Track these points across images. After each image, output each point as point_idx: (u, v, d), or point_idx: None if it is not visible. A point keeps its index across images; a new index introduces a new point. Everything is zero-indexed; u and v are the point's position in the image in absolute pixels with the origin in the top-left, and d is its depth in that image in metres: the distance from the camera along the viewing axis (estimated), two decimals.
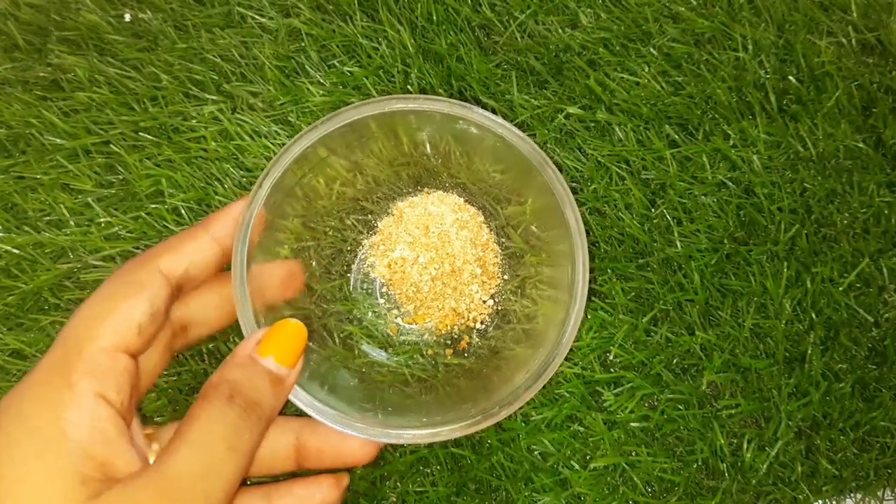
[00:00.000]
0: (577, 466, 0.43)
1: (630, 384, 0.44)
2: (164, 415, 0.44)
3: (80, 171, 0.48)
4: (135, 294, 0.29)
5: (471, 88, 0.49)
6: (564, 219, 0.39)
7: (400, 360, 0.45)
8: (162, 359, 0.33)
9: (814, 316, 0.45)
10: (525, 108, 0.48)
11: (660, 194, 0.47)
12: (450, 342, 0.46)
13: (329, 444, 0.35)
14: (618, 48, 0.50)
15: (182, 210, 0.47)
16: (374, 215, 0.48)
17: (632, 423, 0.43)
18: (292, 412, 0.43)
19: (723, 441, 0.43)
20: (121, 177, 0.48)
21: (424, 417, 0.37)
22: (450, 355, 0.45)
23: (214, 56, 0.50)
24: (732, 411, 0.44)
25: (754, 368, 0.44)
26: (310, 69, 0.50)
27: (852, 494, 0.44)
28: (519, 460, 0.43)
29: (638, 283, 0.45)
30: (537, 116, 0.48)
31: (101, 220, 0.47)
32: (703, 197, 0.47)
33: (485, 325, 0.46)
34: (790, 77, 0.48)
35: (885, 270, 0.45)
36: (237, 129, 0.48)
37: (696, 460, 0.43)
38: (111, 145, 0.48)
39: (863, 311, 0.45)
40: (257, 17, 0.51)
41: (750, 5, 0.50)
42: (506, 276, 0.47)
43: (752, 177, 0.47)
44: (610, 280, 0.46)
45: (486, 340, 0.46)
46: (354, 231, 0.48)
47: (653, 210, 0.47)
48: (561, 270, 0.40)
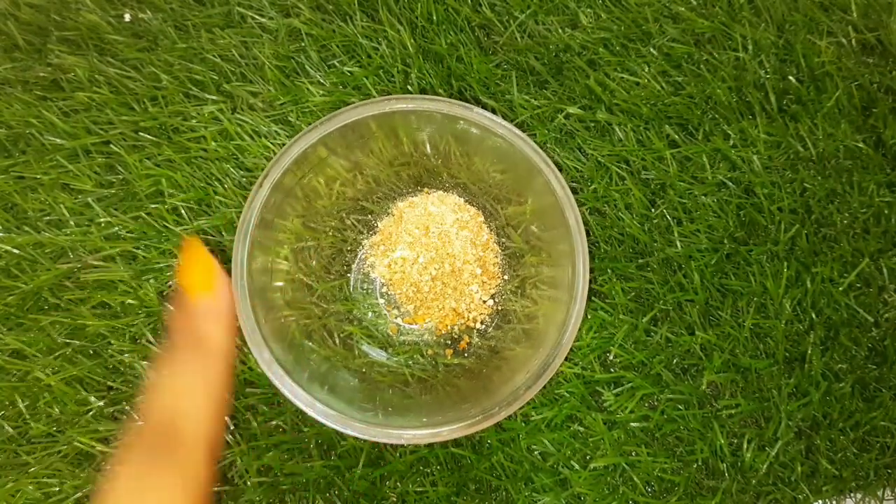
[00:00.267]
0: (577, 466, 0.43)
1: (630, 384, 0.44)
2: None
3: (80, 171, 0.48)
4: None
5: (471, 88, 0.49)
6: (564, 219, 0.39)
7: (400, 360, 0.45)
8: None
9: (814, 316, 0.45)
10: (525, 108, 0.48)
11: (660, 194, 0.47)
12: (450, 342, 0.46)
13: None
14: (618, 48, 0.50)
15: (182, 210, 0.47)
16: (374, 215, 0.48)
17: (632, 423, 0.43)
18: (291, 410, 0.43)
19: (723, 441, 0.43)
20: (121, 177, 0.48)
21: (424, 417, 0.37)
22: (450, 355, 0.45)
23: (214, 56, 0.50)
24: (732, 411, 0.44)
25: (754, 368, 0.44)
26: (310, 69, 0.50)
27: (852, 494, 0.44)
28: (519, 460, 0.43)
29: (638, 283, 0.45)
30: (537, 116, 0.48)
31: (101, 220, 0.47)
32: (703, 197, 0.47)
33: (485, 325, 0.46)
34: (790, 77, 0.48)
35: (885, 270, 0.45)
36: (237, 129, 0.48)
37: (696, 460, 0.43)
38: (111, 145, 0.48)
39: (863, 311, 0.45)
40: (257, 17, 0.51)
41: (750, 5, 0.50)
42: (506, 276, 0.47)
43: (752, 177, 0.47)
44: (610, 280, 0.46)
45: (486, 340, 0.46)
46: (354, 231, 0.48)
47: (653, 210, 0.47)
48: (561, 270, 0.40)
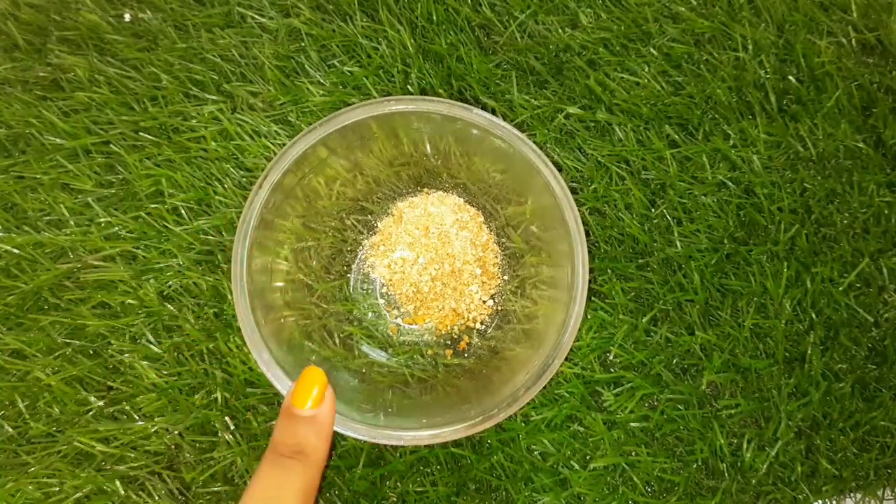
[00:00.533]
0: (576, 466, 0.43)
1: (630, 384, 0.44)
2: (165, 414, 0.44)
3: (80, 171, 0.48)
4: None
5: (471, 88, 0.49)
6: (564, 219, 0.39)
7: (400, 361, 0.45)
8: None
9: (814, 316, 0.45)
10: (525, 108, 0.48)
11: (660, 194, 0.47)
12: (450, 342, 0.46)
13: None
14: (618, 48, 0.50)
15: (182, 210, 0.47)
16: (374, 215, 0.48)
17: (632, 423, 0.44)
18: None
19: (723, 441, 0.43)
20: (121, 177, 0.48)
21: (424, 418, 0.37)
22: (450, 356, 0.45)
23: (214, 56, 0.50)
24: (732, 411, 0.44)
25: (754, 368, 0.44)
26: (310, 69, 0.50)
27: (852, 494, 0.44)
28: (519, 460, 0.43)
29: (638, 283, 0.45)
30: (537, 116, 0.48)
31: (101, 219, 0.47)
32: (703, 197, 0.47)
33: (485, 326, 0.46)
34: (790, 77, 0.48)
35: (885, 270, 0.45)
36: (237, 129, 0.48)
37: (695, 460, 0.43)
38: (111, 145, 0.48)
39: (863, 311, 0.45)
40: (257, 17, 0.51)
41: (750, 5, 0.50)
42: (506, 277, 0.47)
43: (752, 177, 0.47)
44: (610, 280, 0.46)
45: (486, 341, 0.46)
46: (354, 231, 0.48)
47: (653, 210, 0.47)
48: (561, 270, 0.40)
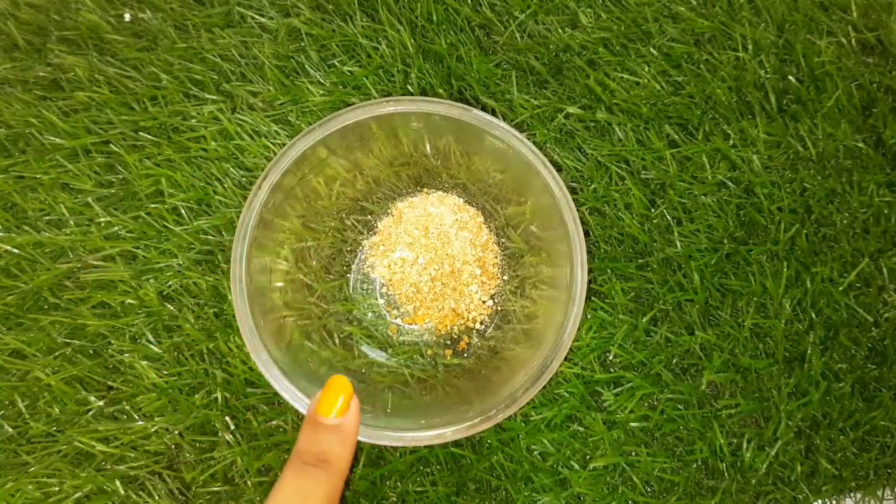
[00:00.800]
0: (576, 466, 0.43)
1: (630, 384, 0.44)
2: (165, 414, 0.44)
3: (79, 171, 0.48)
4: None
5: (471, 88, 0.49)
6: (563, 219, 0.39)
7: (400, 361, 0.45)
8: None
9: (814, 316, 0.45)
10: (525, 108, 0.48)
11: (660, 194, 0.47)
12: (449, 342, 0.46)
13: None
14: (618, 48, 0.50)
15: (182, 210, 0.47)
16: (374, 216, 0.48)
17: (631, 423, 0.44)
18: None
19: (722, 441, 0.43)
20: (121, 176, 0.48)
21: (424, 419, 0.37)
22: (449, 356, 0.45)
23: (214, 56, 0.50)
24: (732, 411, 0.44)
25: (754, 368, 0.44)
26: (310, 69, 0.50)
27: (852, 494, 0.44)
28: (519, 460, 0.43)
29: (638, 283, 0.45)
30: (537, 116, 0.48)
31: (101, 219, 0.47)
32: (703, 197, 0.47)
33: (484, 326, 0.46)
34: (790, 77, 0.48)
35: (884, 270, 0.45)
36: (237, 128, 0.48)
37: (695, 460, 0.43)
38: (111, 145, 0.48)
39: (863, 311, 0.45)
40: (257, 16, 0.51)
41: (750, 5, 0.50)
42: (505, 277, 0.47)
43: (752, 177, 0.47)
44: (610, 280, 0.46)
45: (486, 341, 0.46)
46: (354, 231, 0.48)
47: (653, 210, 0.47)
48: (560, 270, 0.40)
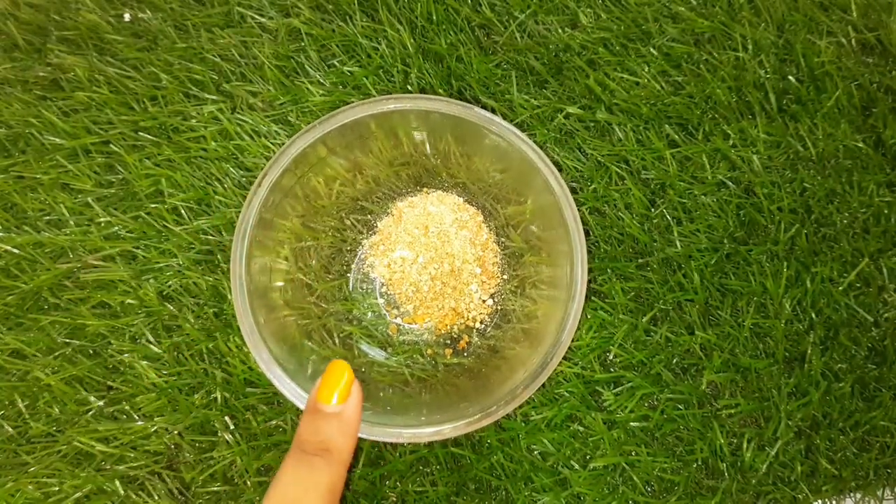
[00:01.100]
0: (576, 466, 0.43)
1: (630, 384, 0.44)
2: (164, 414, 0.44)
3: (79, 171, 0.48)
4: None
5: (471, 88, 0.49)
6: (563, 218, 0.39)
7: (399, 360, 0.45)
8: None
9: (814, 316, 0.45)
10: (525, 108, 0.48)
11: (660, 194, 0.47)
12: (449, 342, 0.46)
13: None
14: (618, 48, 0.50)
15: (182, 210, 0.47)
16: (374, 215, 0.48)
17: (632, 423, 0.43)
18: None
19: (723, 441, 0.43)
20: (120, 176, 0.48)
21: (423, 416, 0.37)
22: (449, 355, 0.45)
23: (214, 56, 0.50)
24: (732, 411, 0.44)
25: (754, 368, 0.44)
26: (310, 69, 0.50)
27: (852, 494, 0.44)
28: (519, 460, 0.43)
29: (638, 282, 0.45)
30: (537, 116, 0.48)
31: (101, 219, 0.47)
32: (703, 197, 0.47)
33: (484, 325, 0.46)
34: (790, 77, 0.48)
35: (884, 270, 0.45)
36: (237, 128, 0.48)
37: (695, 460, 0.43)
38: (111, 145, 0.48)
39: (862, 311, 0.45)
40: (257, 16, 0.51)
41: (750, 5, 0.50)
42: (505, 276, 0.47)
43: (752, 177, 0.47)
44: (610, 280, 0.46)
45: (486, 340, 0.46)
46: (354, 231, 0.48)
47: (653, 210, 0.47)
48: (560, 270, 0.40)
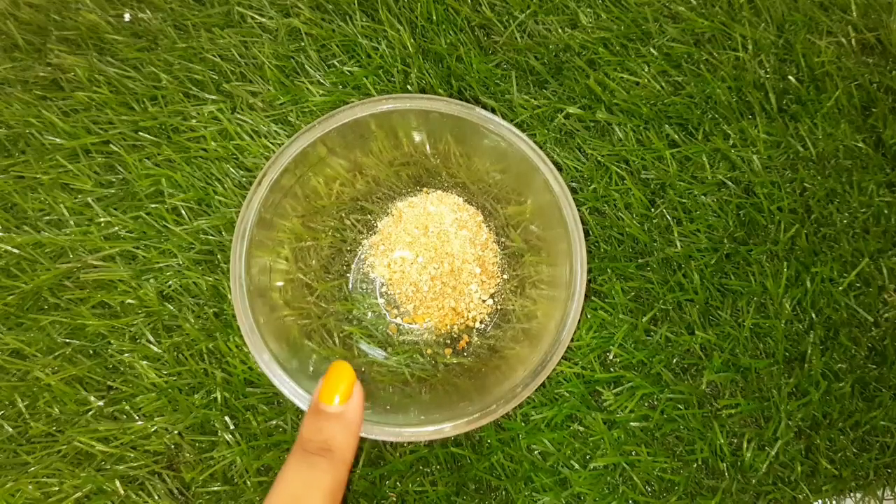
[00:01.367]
0: (577, 466, 0.43)
1: (630, 384, 0.44)
2: (164, 414, 0.44)
3: (79, 171, 0.48)
4: None
5: (471, 88, 0.49)
6: (563, 218, 0.39)
7: (399, 360, 0.45)
8: None
9: (814, 316, 0.45)
10: (525, 108, 0.48)
11: (660, 194, 0.47)
12: (449, 341, 0.46)
13: None
14: (618, 48, 0.50)
15: (182, 210, 0.47)
16: (374, 215, 0.48)
17: (632, 423, 0.43)
18: None
19: (723, 441, 0.43)
20: (121, 177, 0.48)
21: (423, 415, 0.37)
22: (449, 354, 0.45)
23: (214, 56, 0.50)
24: (732, 411, 0.44)
25: (754, 368, 0.44)
26: (309, 69, 0.50)
27: (852, 494, 0.44)
28: (519, 460, 0.43)
29: (638, 282, 0.45)
30: (537, 116, 0.48)
31: (101, 219, 0.47)
32: (703, 197, 0.47)
33: (484, 325, 0.46)
34: (790, 77, 0.48)
35: (884, 270, 0.45)
36: (237, 128, 0.48)
37: (696, 460, 0.43)
38: (111, 145, 0.48)
39: (863, 311, 0.45)
40: (257, 16, 0.51)
41: (750, 5, 0.50)
42: (505, 276, 0.47)
43: (752, 177, 0.47)
44: (610, 280, 0.46)
45: (486, 340, 0.46)
46: (354, 231, 0.48)
47: (653, 210, 0.47)
48: (560, 269, 0.40)
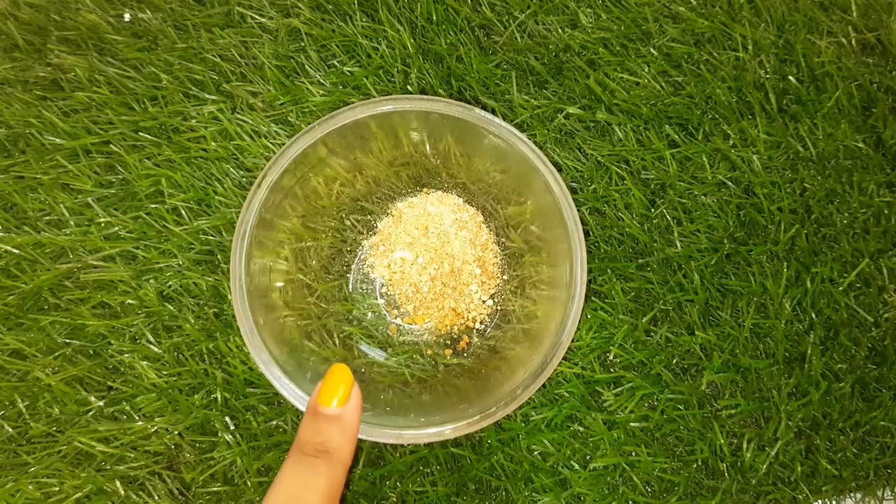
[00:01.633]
0: (577, 466, 0.43)
1: (630, 384, 0.44)
2: (165, 414, 0.44)
3: (80, 171, 0.48)
4: None
5: (471, 88, 0.49)
6: (563, 218, 0.39)
7: (399, 361, 0.45)
8: None
9: (814, 316, 0.45)
10: (525, 108, 0.48)
11: (660, 194, 0.47)
12: (449, 342, 0.46)
13: None
14: (618, 48, 0.50)
15: (182, 210, 0.47)
16: (374, 216, 0.48)
17: (632, 423, 0.43)
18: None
19: (723, 441, 0.43)
20: (121, 177, 0.48)
21: (423, 417, 0.37)
22: (449, 355, 0.45)
23: (214, 56, 0.50)
24: (732, 411, 0.44)
25: (754, 368, 0.44)
26: (310, 69, 0.50)
27: (852, 494, 0.44)
28: (519, 460, 0.43)
29: (638, 283, 0.45)
30: (537, 116, 0.48)
31: (101, 220, 0.47)
32: (703, 197, 0.47)
33: (484, 325, 0.46)
34: (790, 77, 0.48)
35: (884, 270, 0.45)
36: (237, 129, 0.48)
37: (696, 460, 0.43)
38: (111, 145, 0.48)
39: (863, 311, 0.45)
40: (257, 16, 0.51)
41: (750, 5, 0.50)
42: (505, 276, 0.47)
43: (752, 177, 0.47)
44: (610, 280, 0.46)
45: (486, 340, 0.46)
46: (354, 231, 0.48)
47: (653, 210, 0.47)
48: (560, 270, 0.40)
